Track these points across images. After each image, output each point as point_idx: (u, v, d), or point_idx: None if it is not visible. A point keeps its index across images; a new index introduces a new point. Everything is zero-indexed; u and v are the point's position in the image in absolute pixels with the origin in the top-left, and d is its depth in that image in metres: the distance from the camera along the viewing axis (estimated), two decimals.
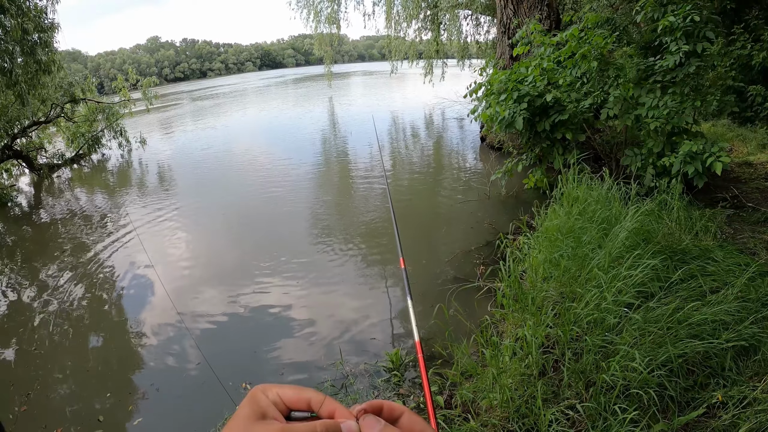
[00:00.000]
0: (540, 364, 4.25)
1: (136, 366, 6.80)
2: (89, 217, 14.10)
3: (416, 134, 23.34)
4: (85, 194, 17.80)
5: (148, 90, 24.79)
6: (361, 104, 37.34)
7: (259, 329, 7.26)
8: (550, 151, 9.42)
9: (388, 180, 14.02)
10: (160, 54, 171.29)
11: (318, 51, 29.13)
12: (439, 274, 7.90)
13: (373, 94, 47.31)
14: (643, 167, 8.19)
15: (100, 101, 23.08)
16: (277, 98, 51.97)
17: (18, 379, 6.79)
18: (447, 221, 10.65)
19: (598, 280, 4.73)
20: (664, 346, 3.86)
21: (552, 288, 5.15)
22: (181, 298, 8.29)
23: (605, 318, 4.27)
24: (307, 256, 9.54)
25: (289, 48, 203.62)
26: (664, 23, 7.79)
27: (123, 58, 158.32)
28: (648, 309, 4.28)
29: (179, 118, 40.28)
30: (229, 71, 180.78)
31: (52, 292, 9.27)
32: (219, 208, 13.41)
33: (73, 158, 22.51)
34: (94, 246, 11.47)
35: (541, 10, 13.48)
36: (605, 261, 4.91)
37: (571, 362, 4.10)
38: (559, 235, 5.95)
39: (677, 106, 7.76)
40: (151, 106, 26.00)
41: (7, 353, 7.60)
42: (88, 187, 18.87)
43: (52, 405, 6.19)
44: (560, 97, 9.01)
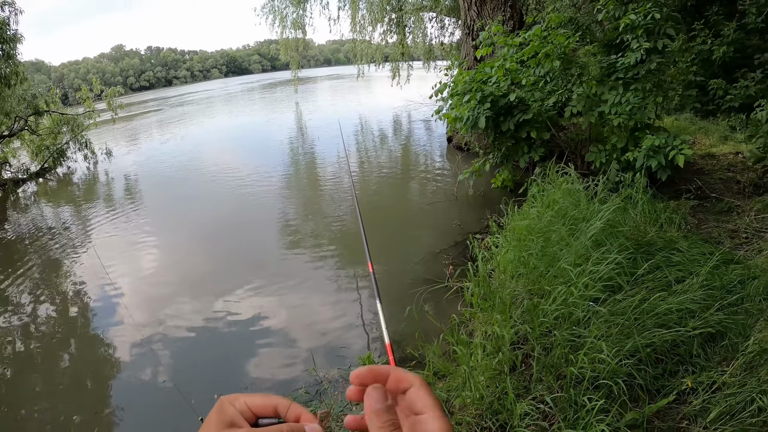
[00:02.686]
0: (511, 360, 4.30)
1: (104, 385, 6.69)
2: (55, 233, 13.86)
3: (384, 137, 23.39)
4: (51, 209, 17.52)
5: (113, 100, 24.53)
6: (328, 109, 37.25)
7: (231, 340, 7.20)
8: (516, 149, 9.52)
9: (356, 184, 14.09)
10: (125, 63, 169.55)
11: (284, 56, 29.07)
12: (409, 276, 7.89)
13: (340, 98, 47.28)
14: (607, 162, 8.32)
15: (64, 113, 22.74)
16: (245, 105, 51.70)
17: None
18: (416, 223, 10.71)
19: (566, 276, 4.79)
20: (631, 337, 3.93)
21: (521, 286, 5.19)
22: (150, 312, 8.20)
23: (573, 313, 4.33)
24: (278, 264, 9.51)
25: (255, 54, 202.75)
26: (625, 21, 7.96)
27: (87, 68, 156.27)
28: (615, 302, 4.34)
29: (146, 128, 39.85)
30: (195, 79, 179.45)
31: (17, 309, 9.10)
32: (187, 218, 13.28)
33: (38, 172, 22.03)
34: (61, 262, 11.30)
35: (505, 11, 13.57)
36: (573, 258, 4.96)
37: (541, 357, 4.15)
38: (528, 234, 6.00)
39: (639, 102, 7.91)
40: (116, 116, 25.72)
41: None
42: (54, 202, 18.57)
43: (20, 426, 6.10)
44: (524, 96, 9.12)
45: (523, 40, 9.47)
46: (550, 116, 9.35)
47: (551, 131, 9.45)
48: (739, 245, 6.32)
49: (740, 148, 10.30)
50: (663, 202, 7.16)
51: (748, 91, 11.33)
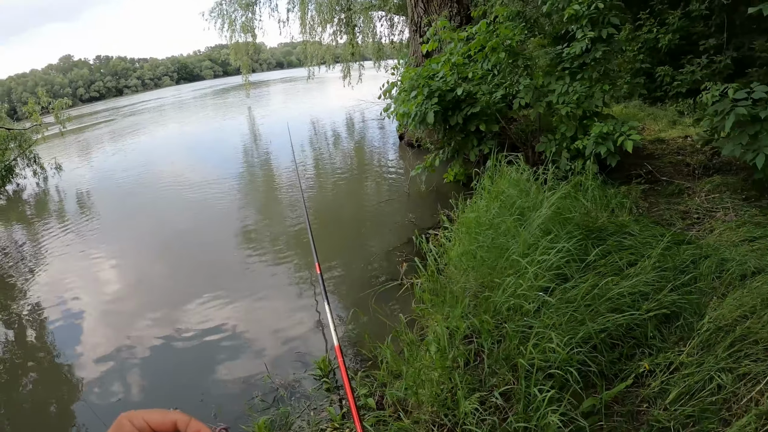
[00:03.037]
0: (464, 354, 4.25)
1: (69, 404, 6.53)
2: (7, 253, 13.56)
3: (337, 137, 23.40)
4: (2, 228, 17.17)
5: (60, 112, 24.03)
6: (280, 112, 37.09)
7: (186, 351, 7.07)
8: (466, 143, 9.54)
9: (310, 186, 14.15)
10: (74, 73, 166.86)
11: (234, 61, 28.85)
12: (363, 276, 7.86)
13: (292, 101, 47.10)
14: (557, 152, 8.38)
15: (10, 128, 22.18)
16: (197, 112, 51.14)
17: None
18: (369, 222, 10.73)
19: (515, 267, 4.76)
20: (584, 324, 3.92)
21: (471, 279, 5.16)
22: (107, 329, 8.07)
23: (522, 304, 4.31)
24: (233, 271, 9.40)
25: (206, 60, 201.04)
26: (569, 12, 8.00)
27: (35, 80, 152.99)
28: (565, 290, 4.32)
29: (97, 140, 39.22)
30: (146, 87, 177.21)
31: None
32: (141, 230, 13.03)
33: None
34: (14, 282, 10.98)
35: (451, 7, 13.60)
36: (521, 248, 4.93)
37: (493, 350, 4.11)
38: (477, 227, 5.97)
39: (586, 90, 8.00)
40: (64, 129, 25.12)
41: None
42: (5, 221, 18.13)
43: None
44: (471, 90, 9.12)
45: (470, 34, 9.48)
46: (499, 109, 9.37)
47: (500, 123, 9.46)
48: (691, 225, 6.43)
49: (689, 131, 10.51)
50: (614, 188, 7.28)
51: (695, 76, 11.58)
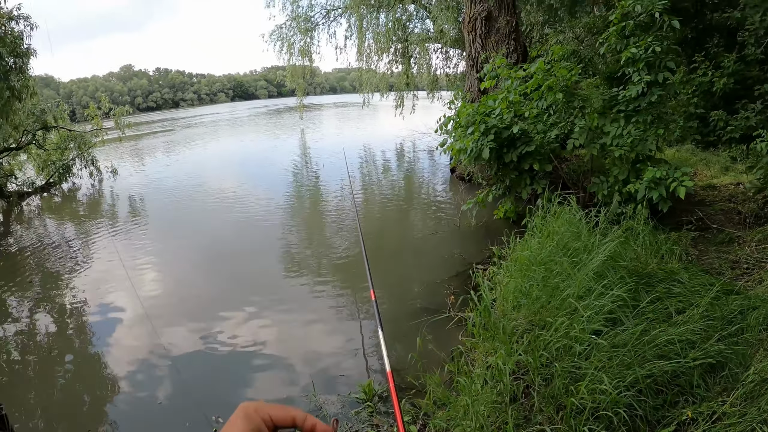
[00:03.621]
0: (511, 390, 4.31)
1: (99, 402, 6.71)
2: (58, 248, 13.93)
3: (387, 166, 23.48)
4: (55, 224, 17.60)
5: (120, 119, 24.67)
6: (332, 136, 37.49)
7: (229, 363, 7.19)
8: (519, 181, 9.59)
9: (359, 212, 14.08)
10: (133, 83, 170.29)
11: (290, 83, 29.39)
12: (411, 305, 7.90)
13: (344, 126, 47.43)
14: (609, 194, 8.37)
15: (72, 129, 22.96)
16: (251, 130, 51.98)
17: None
18: (418, 252, 10.72)
19: (568, 308, 4.82)
20: (631, 368, 3.94)
21: (522, 317, 5.21)
22: (147, 333, 8.20)
23: (573, 345, 4.35)
24: (278, 288, 9.51)
25: (261, 79, 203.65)
26: (626, 55, 8.05)
27: (96, 86, 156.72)
28: (615, 334, 4.36)
29: (151, 149, 40.02)
30: (201, 102, 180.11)
31: (19, 322, 9.16)
32: (188, 241, 13.28)
33: (44, 186, 22.32)
34: (63, 277, 11.35)
35: (508, 44, 13.74)
36: (575, 290, 4.98)
37: (542, 387, 4.17)
38: (531, 265, 6.03)
39: (640, 134, 8.00)
40: (123, 135, 25.85)
41: None
42: (58, 217, 18.67)
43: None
44: (527, 128, 9.20)
45: (527, 73, 9.58)
46: (552, 148, 9.42)
47: (553, 163, 9.52)
48: (740, 276, 6.35)
49: (741, 178, 10.39)
50: (664, 234, 7.18)
51: (749, 122, 11.48)
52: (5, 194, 20.63)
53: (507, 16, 13.84)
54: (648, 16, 8.03)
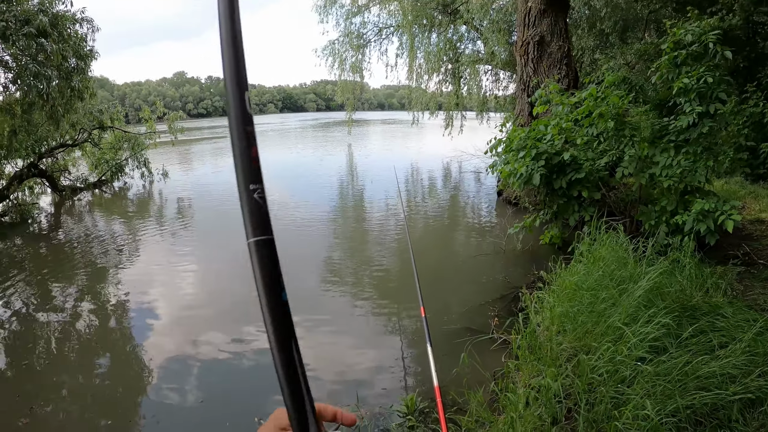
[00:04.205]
0: (553, 413, 4.38)
1: (139, 396, 6.88)
2: (105, 243, 14.31)
3: (433, 186, 23.47)
4: (104, 220, 18.07)
5: (174, 123, 25.19)
6: (380, 153, 37.63)
7: (269, 368, 7.24)
8: (566, 207, 9.61)
9: (398, 229, 14.33)
10: (185, 89, 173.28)
11: (340, 98, 29.68)
12: (454, 325, 7.93)
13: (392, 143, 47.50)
14: (656, 224, 8.35)
15: (127, 130, 23.60)
16: (299, 142, 52.58)
17: (23, 391, 6.92)
18: (462, 273, 10.72)
19: (613, 334, 4.88)
20: (673, 398, 3.99)
21: (567, 341, 5.28)
22: (188, 334, 8.40)
23: (618, 370, 4.41)
24: (319, 300, 9.62)
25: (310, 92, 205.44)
26: (678, 85, 8.04)
27: (149, 90, 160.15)
28: (659, 363, 4.40)
29: (201, 154, 40.79)
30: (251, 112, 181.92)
31: (63, 312, 9.49)
32: (233, 247, 13.41)
33: (96, 183, 22.98)
34: (108, 271, 11.73)
35: (560, 69, 13.78)
36: (622, 317, 5.04)
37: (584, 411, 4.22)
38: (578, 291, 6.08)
39: (690, 165, 7.96)
40: (176, 139, 26.37)
41: (15, 365, 7.78)
42: (107, 214, 19.14)
43: (53, 424, 6.29)
44: (577, 155, 9.22)
45: (579, 99, 9.62)
46: (601, 176, 9.44)
47: (602, 191, 9.54)
48: None
49: None
50: (710, 267, 7.12)
51: None
52: (59, 188, 21.35)
53: (559, 41, 13.91)
54: (701, 45, 8.05)
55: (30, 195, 20.07)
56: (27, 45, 13.22)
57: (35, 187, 20.77)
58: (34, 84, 13.28)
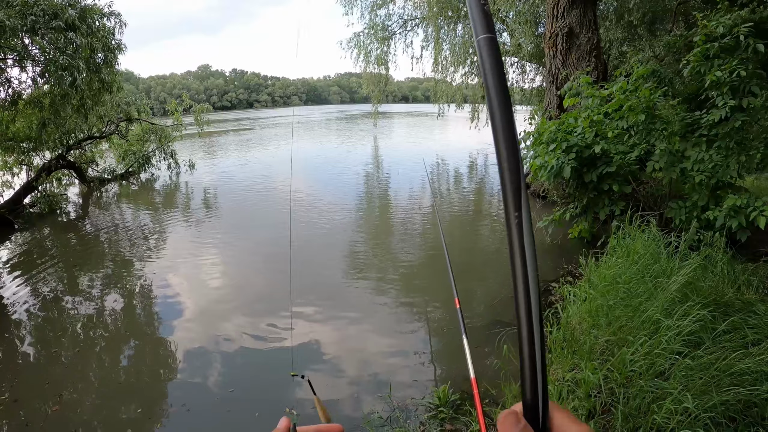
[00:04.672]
0: (588, 407, 4.38)
1: (168, 384, 7.00)
2: (132, 233, 14.55)
3: (459, 178, 23.43)
4: (131, 211, 18.33)
5: (200, 116, 25.37)
6: (407, 145, 37.62)
7: (299, 358, 7.38)
8: (596, 201, 9.56)
9: (424, 221, 14.44)
10: (210, 82, 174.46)
11: (366, 90, 29.70)
12: (483, 317, 7.95)
13: (417, 135, 47.34)
14: (687, 220, 8.26)
15: (154, 122, 23.95)
16: (324, 134, 52.79)
17: (53, 379, 7.06)
18: (490, 265, 10.74)
19: (650, 328, 4.86)
20: (708, 393, 3.96)
21: (602, 335, 5.26)
22: (216, 323, 8.49)
23: (653, 363, 4.40)
24: (346, 290, 9.70)
25: (334, 85, 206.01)
26: (711, 78, 7.92)
27: (174, 83, 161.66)
28: (694, 357, 4.37)
29: (227, 146, 41.05)
30: (275, 104, 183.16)
31: (91, 301, 9.70)
32: (258, 238, 13.62)
33: (123, 174, 23.38)
34: (135, 261, 11.93)
35: (589, 61, 13.66)
36: (658, 311, 5.01)
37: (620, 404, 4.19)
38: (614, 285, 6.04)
39: (722, 160, 7.86)
40: (202, 131, 26.66)
41: (44, 353, 7.94)
42: (135, 204, 19.40)
43: (83, 410, 6.40)
44: (608, 148, 9.14)
45: (610, 93, 9.53)
46: (631, 170, 9.35)
47: (632, 185, 9.45)
48: None
49: None
50: (741, 264, 7.05)
51: None
52: (86, 179, 21.77)
53: (588, 33, 13.77)
54: (732, 38, 7.94)
55: (58, 186, 20.34)
56: (55, 38, 13.38)
57: (63, 179, 21.10)
58: (63, 76, 13.40)
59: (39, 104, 15.97)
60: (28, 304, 9.68)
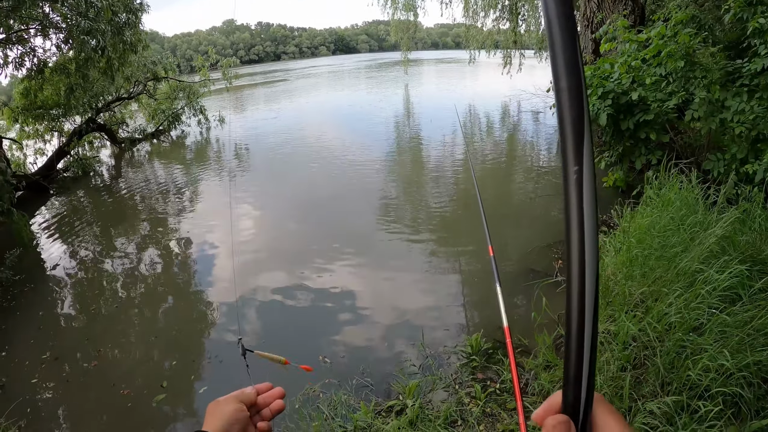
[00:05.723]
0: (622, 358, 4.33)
1: (201, 336, 7.21)
2: (166, 191, 14.72)
3: (491, 125, 22.92)
4: (163, 168, 18.54)
5: (227, 70, 25.31)
6: (437, 92, 36.95)
7: (332, 309, 7.48)
8: (633, 150, 9.33)
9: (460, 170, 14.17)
10: (236, 36, 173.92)
11: (394, 37, 29.35)
12: (516, 267, 7.93)
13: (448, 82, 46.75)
14: (725, 173, 8.02)
15: (181, 80, 24.07)
16: (353, 84, 52.43)
17: (92, 335, 7.33)
18: (522, 214, 10.66)
19: (685, 281, 4.76)
20: (742, 352, 3.88)
21: (634, 286, 5.18)
22: (249, 276, 8.60)
23: (689, 317, 4.31)
24: (379, 239, 9.78)
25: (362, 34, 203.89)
26: (753, 25, 7.57)
27: (199, 40, 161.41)
28: (731, 313, 4.27)
29: (255, 99, 40.98)
30: (303, 55, 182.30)
31: (127, 259, 9.97)
32: (290, 190, 13.75)
33: (154, 133, 23.53)
34: (169, 218, 12.18)
35: (626, 5, 13.27)
36: (694, 263, 4.89)
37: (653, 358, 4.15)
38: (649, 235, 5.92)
39: (764, 112, 7.53)
40: (230, 86, 26.69)
41: (83, 309, 8.26)
42: (167, 162, 19.62)
43: (121, 364, 6.65)
44: (645, 95, 8.89)
45: (647, 38, 9.25)
46: (669, 118, 9.11)
47: (669, 134, 9.23)
48: None
49: None
50: None
51: None
52: (117, 140, 22.07)
53: None
54: None
55: (90, 149, 20.74)
56: (76, 3, 13.31)
57: (95, 142, 21.49)
58: (86, 41, 13.42)
59: (65, 70, 16.09)
60: (67, 265, 9.99)
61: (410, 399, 4.90)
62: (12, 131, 18.93)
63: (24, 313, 8.25)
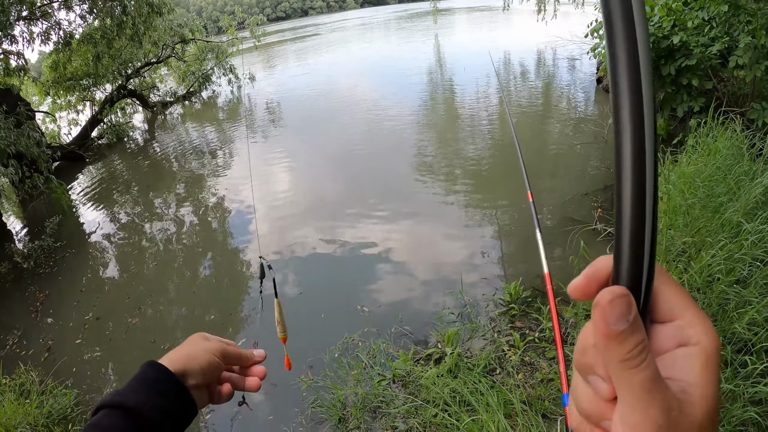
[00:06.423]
0: None
1: (239, 290, 7.41)
2: (200, 152, 14.85)
3: (525, 73, 22.25)
4: (196, 130, 18.64)
5: (255, 28, 25.20)
6: (469, 41, 36.10)
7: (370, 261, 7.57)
8: (674, 97, 9.01)
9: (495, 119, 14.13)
10: None
11: None
12: (555, 215, 7.93)
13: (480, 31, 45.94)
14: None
15: (209, 40, 24.02)
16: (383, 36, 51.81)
17: (133, 294, 7.61)
18: (561, 163, 10.57)
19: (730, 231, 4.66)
20: None
21: (677, 235, 5.11)
22: (284, 232, 8.76)
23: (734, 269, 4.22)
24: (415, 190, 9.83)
25: None
26: None
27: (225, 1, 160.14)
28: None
29: (285, 56, 40.87)
30: (330, 9, 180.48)
31: (166, 220, 10.26)
32: (321, 144, 13.91)
33: (185, 95, 23.70)
34: (204, 178, 12.37)
35: None
36: (739, 214, 4.75)
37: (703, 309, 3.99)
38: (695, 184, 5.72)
39: None
40: (258, 43, 26.63)
41: (124, 270, 8.58)
42: (199, 123, 19.75)
43: (160, 320, 6.96)
44: (687, 40, 8.54)
45: None
46: (713, 64, 8.76)
47: (713, 81, 8.89)
48: None
49: None
50: None
51: None
52: (149, 105, 22.24)
53: None
54: None
55: (123, 115, 20.90)
56: None
57: (127, 108, 21.57)
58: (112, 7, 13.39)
59: (92, 40, 16.25)
60: (106, 228, 10.33)
61: (449, 347, 4.99)
62: (44, 105, 19.24)
63: (66, 278, 8.55)
